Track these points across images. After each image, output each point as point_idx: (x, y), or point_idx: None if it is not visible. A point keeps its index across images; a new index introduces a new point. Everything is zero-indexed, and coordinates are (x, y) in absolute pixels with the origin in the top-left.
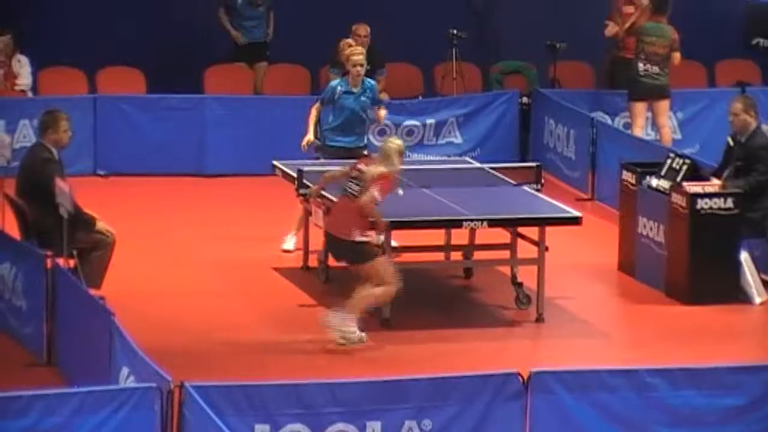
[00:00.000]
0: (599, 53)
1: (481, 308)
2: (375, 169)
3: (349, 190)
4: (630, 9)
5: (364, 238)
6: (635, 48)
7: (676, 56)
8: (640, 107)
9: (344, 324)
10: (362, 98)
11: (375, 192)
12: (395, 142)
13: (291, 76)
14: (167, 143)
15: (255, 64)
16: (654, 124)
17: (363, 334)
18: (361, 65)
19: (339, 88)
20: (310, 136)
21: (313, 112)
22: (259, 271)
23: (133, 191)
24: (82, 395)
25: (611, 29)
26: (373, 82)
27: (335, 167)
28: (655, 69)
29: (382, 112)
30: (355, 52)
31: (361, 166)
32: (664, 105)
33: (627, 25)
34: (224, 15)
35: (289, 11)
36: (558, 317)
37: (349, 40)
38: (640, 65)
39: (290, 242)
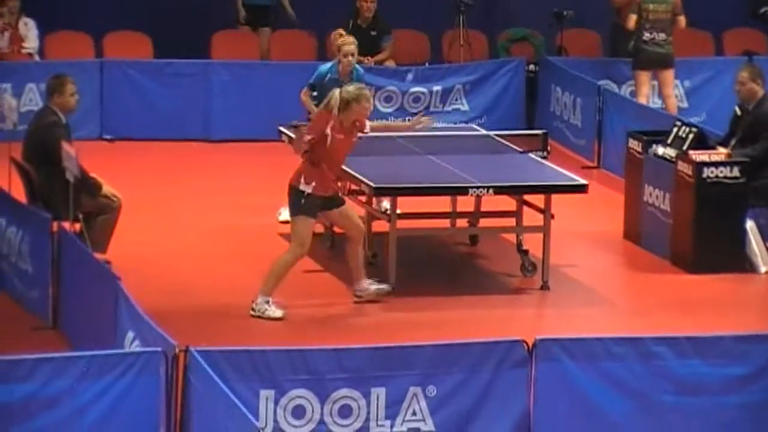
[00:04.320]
0: (606, 21)
1: (486, 276)
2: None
3: None
4: None
5: (306, 188)
6: (638, 18)
7: (681, 20)
8: (644, 76)
9: (261, 308)
10: None
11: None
12: (345, 89)
13: (298, 42)
14: (174, 108)
15: (258, 28)
16: (659, 93)
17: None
18: (353, 55)
19: (328, 75)
20: None
21: (306, 99)
22: (265, 237)
23: (139, 156)
24: (87, 359)
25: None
26: (362, 71)
27: None
28: (662, 36)
29: None
30: (347, 41)
31: None
32: (668, 75)
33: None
34: None
35: None
36: (563, 285)
37: (341, 30)
38: (646, 34)
39: (286, 213)
